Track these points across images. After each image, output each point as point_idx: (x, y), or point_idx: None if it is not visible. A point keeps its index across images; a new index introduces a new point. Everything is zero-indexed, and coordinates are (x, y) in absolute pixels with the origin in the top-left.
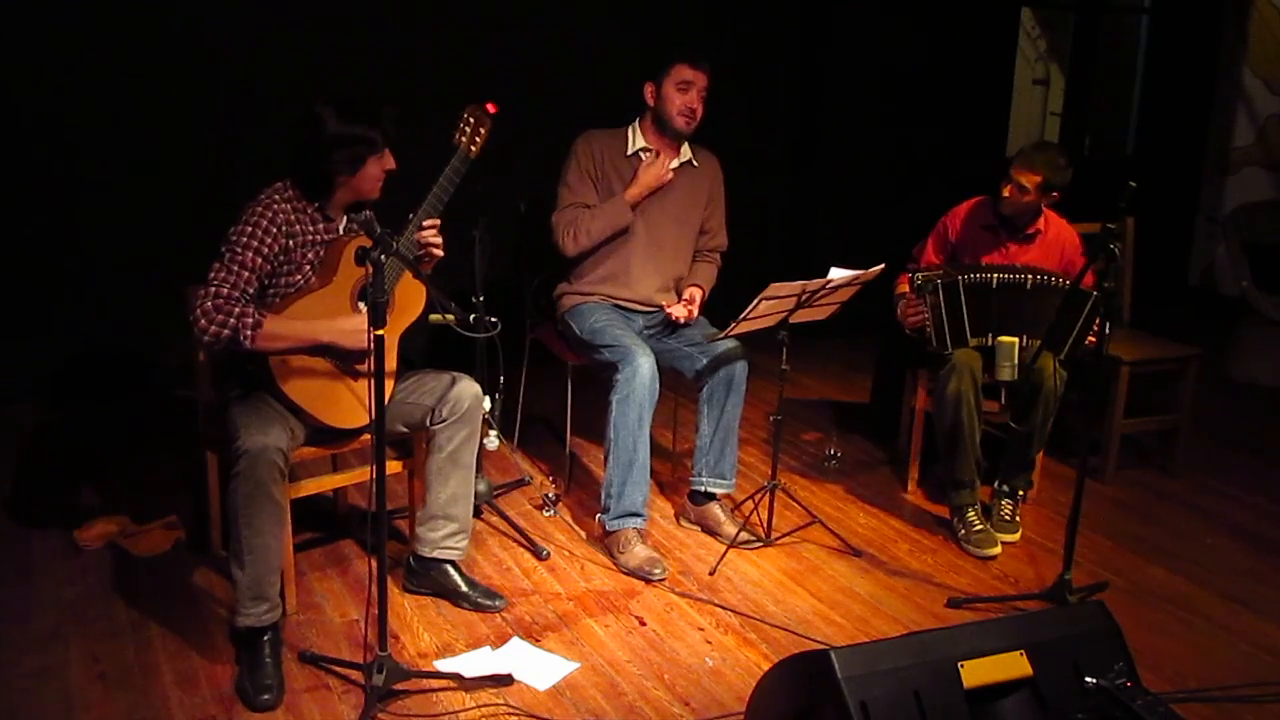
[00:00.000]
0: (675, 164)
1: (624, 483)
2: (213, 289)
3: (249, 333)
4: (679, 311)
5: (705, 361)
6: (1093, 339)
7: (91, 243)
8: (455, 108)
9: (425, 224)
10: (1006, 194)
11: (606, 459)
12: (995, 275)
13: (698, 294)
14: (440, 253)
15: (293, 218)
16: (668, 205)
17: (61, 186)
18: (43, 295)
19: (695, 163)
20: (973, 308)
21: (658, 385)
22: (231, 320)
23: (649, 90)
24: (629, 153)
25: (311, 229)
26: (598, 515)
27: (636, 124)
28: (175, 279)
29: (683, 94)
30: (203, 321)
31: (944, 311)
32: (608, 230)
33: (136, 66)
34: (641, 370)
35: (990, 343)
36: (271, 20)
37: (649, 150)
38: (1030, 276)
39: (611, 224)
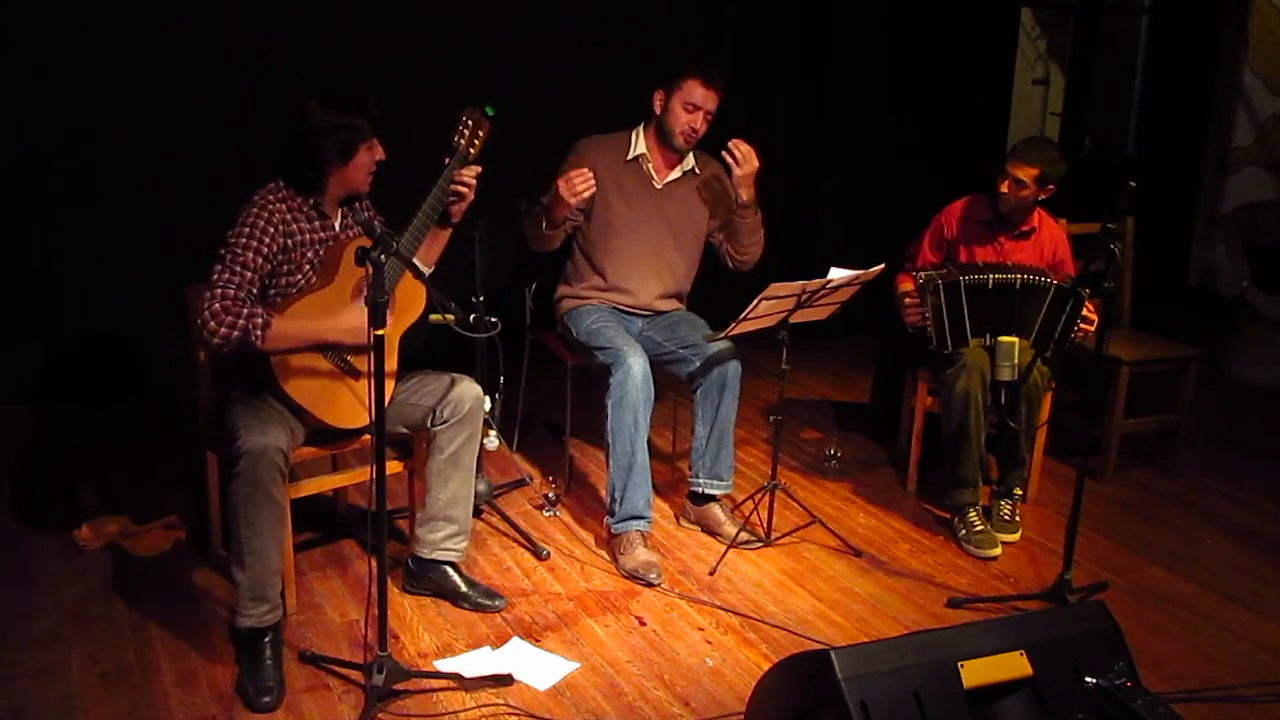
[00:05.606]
0: (675, 174)
1: (625, 486)
2: (218, 290)
3: (259, 333)
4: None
5: (698, 364)
6: (1082, 330)
7: (90, 242)
8: (455, 110)
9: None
10: (1005, 190)
11: (608, 463)
12: (992, 276)
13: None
14: (470, 192)
15: (289, 216)
16: (665, 215)
17: (61, 187)
18: (42, 295)
19: (698, 170)
20: (973, 308)
21: (652, 386)
22: (241, 321)
23: (658, 98)
24: (629, 157)
25: (308, 227)
26: (605, 518)
27: (641, 128)
28: (175, 278)
29: (689, 114)
30: (212, 324)
31: (945, 311)
32: (531, 237)
33: (135, 68)
34: (633, 372)
35: (990, 343)
36: (272, 21)
37: (648, 159)
38: (1024, 277)
39: (531, 232)
